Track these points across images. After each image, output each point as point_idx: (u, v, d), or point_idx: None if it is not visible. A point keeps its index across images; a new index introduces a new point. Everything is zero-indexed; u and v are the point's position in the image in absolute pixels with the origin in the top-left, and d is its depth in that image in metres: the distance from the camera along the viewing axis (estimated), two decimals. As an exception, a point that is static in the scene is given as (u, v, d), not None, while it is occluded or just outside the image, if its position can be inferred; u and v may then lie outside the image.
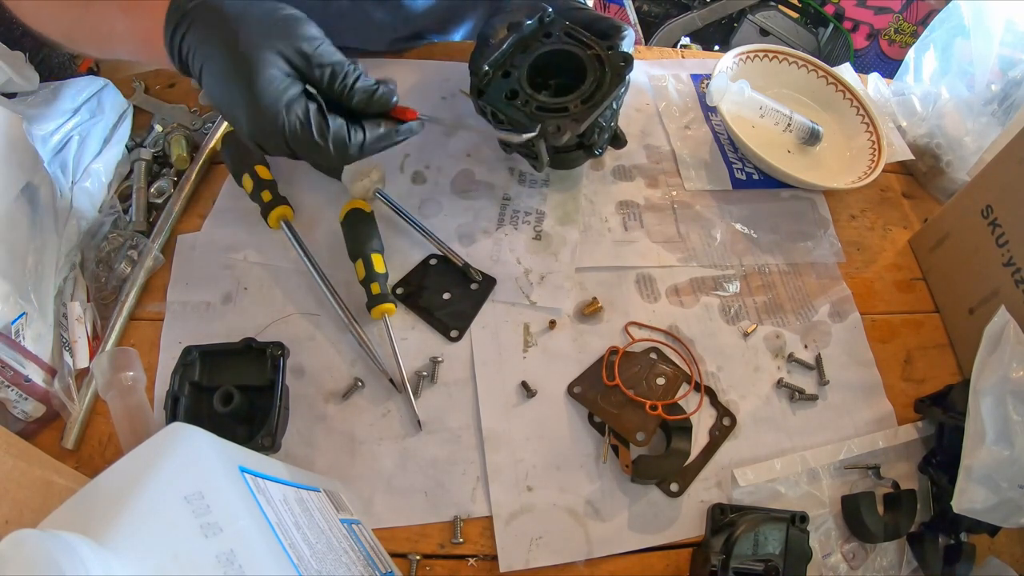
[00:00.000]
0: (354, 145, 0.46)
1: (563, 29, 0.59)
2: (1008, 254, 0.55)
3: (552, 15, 0.60)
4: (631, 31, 0.60)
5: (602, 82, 0.57)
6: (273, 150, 0.46)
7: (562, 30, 0.59)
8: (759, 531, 0.47)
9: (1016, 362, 0.47)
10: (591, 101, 0.56)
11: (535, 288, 0.60)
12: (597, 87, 0.57)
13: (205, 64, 0.44)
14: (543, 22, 0.60)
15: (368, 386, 0.55)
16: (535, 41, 0.59)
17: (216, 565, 0.27)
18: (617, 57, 0.57)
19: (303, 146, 0.45)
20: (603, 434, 0.54)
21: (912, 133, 0.75)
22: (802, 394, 0.58)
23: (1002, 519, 0.46)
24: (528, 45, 0.59)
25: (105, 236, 0.60)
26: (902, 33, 1.50)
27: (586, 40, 0.59)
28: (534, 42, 0.59)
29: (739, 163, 0.71)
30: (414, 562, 0.48)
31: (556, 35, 0.59)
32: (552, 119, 0.55)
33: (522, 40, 0.59)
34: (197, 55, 0.44)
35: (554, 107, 0.56)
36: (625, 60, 0.57)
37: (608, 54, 0.58)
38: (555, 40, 0.59)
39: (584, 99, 0.57)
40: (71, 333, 0.54)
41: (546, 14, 0.60)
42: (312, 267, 0.57)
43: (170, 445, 0.31)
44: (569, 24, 0.60)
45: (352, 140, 0.46)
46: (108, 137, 0.64)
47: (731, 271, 0.64)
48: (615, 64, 0.57)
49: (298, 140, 0.44)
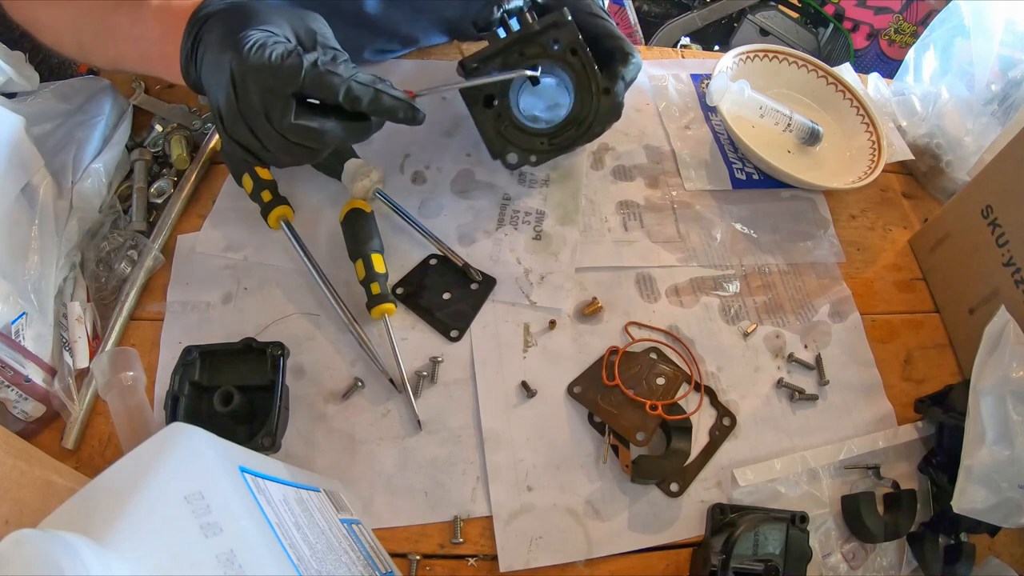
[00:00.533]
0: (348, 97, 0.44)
1: (570, 43, 0.56)
2: (1008, 254, 0.55)
3: (567, 21, 0.55)
4: (638, 59, 0.58)
5: (582, 120, 0.56)
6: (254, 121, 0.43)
7: (569, 44, 0.56)
8: (759, 531, 0.47)
9: (1016, 362, 0.47)
10: (558, 142, 0.56)
11: (535, 288, 0.60)
12: (575, 126, 0.55)
13: (207, 49, 0.43)
14: (555, 27, 0.56)
15: (368, 386, 0.55)
16: (536, 46, 0.56)
17: (216, 565, 0.27)
18: (607, 106, 0.55)
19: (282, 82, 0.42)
20: (603, 434, 0.54)
21: (912, 133, 0.75)
22: (802, 394, 0.58)
23: (1002, 519, 0.46)
24: (528, 48, 0.56)
25: (105, 236, 0.60)
26: (902, 33, 1.50)
27: (585, 66, 0.55)
28: (535, 47, 0.56)
29: (739, 163, 0.71)
30: (414, 562, 0.48)
31: (562, 46, 0.56)
32: (514, 147, 0.54)
33: (525, 39, 0.56)
34: (202, 45, 0.44)
35: (527, 131, 0.56)
36: (613, 112, 0.55)
37: (602, 97, 0.55)
38: (560, 51, 0.56)
39: (553, 137, 0.56)
40: (71, 333, 0.54)
41: (562, 17, 0.55)
42: (312, 267, 0.57)
43: (170, 445, 0.31)
44: (578, 40, 0.56)
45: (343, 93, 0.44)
46: (108, 137, 0.63)
47: (731, 271, 0.64)
48: (602, 112, 0.55)
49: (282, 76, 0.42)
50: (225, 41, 0.43)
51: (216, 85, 0.43)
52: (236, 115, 0.43)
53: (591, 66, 0.56)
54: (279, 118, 0.43)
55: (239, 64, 0.41)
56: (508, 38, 0.56)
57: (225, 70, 0.42)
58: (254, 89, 0.42)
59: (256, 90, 0.42)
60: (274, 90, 0.42)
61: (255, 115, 0.43)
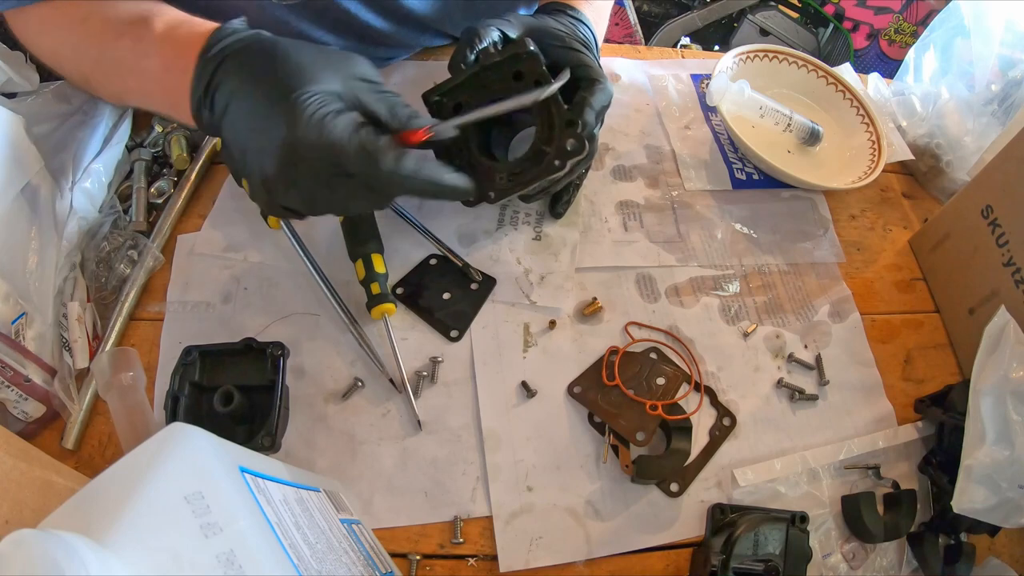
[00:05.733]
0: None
1: (535, 75, 0.51)
2: (1008, 254, 0.55)
3: (530, 52, 0.51)
4: (607, 86, 0.53)
5: (542, 158, 0.51)
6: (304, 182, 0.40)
7: (533, 76, 0.51)
8: (759, 531, 0.47)
9: (1016, 362, 0.47)
10: (518, 178, 0.52)
11: (535, 288, 0.60)
12: (534, 162, 0.51)
13: (233, 98, 0.40)
14: (517, 58, 0.51)
15: (368, 386, 0.55)
16: (499, 81, 0.52)
17: (216, 565, 0.27)
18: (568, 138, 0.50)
19: (352, 160, 0.39)
20: (603, 434, 0.54)
21: (912, 133, 0.75)
22: (802, 394, 0.58)
23: (1002, 519, 0.46)
24: (489, 81, 0.52)
25: (105, 236, 0.60)
26: (902, 33, 1.51)
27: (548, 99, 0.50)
28: (497, 82, 0.52)
29: (739, 163, 0.71)
30: (414, 562, 0.48)
31: (527, 78, 0.51)
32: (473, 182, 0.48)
33: (488, 69, 0.52)
34: (224, 88, 0.40)
35: (486, 166, 0.53)
36: (577, 146, 0.50)
37: (564, 130, 0.50)
38: (520, 87, 0.51)
39: (512, 175, 0.52)
40: (71, 333, 0.54)
41: (525, 46, 0.51)
42: (312, 267, 0.57)
43: (170, 445, 0.31)
44: (543, 71, 0.51)
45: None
46: (108, 137, 0.63)
47: (731, 271, 0.64)
48: (562, 146, 0.50)
49: (346, 152, 0.39)
50: (272, 97, 0.39)
51: (258, 150, 0.40)
52: (290, 185, 0.40)
53: (555, 99, 0.51)
54: (342, 200, 0.41)
55: (299, 136, 0.38)
56: (470, 69, 0.52)
57: (275, 137, 0.39)
58: (320, 166, 0.39)
59: (322, 167, 0.39)
60: (338, 172, 0.40)
61: (311, 188, 0.40)
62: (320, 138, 0.39)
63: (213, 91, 0.41)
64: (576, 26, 0.57)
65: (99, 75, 0.50)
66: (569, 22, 0.57)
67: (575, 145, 0.50)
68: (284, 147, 0.39)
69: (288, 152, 0.39)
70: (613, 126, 0.73)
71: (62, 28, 0.50)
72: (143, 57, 0.46)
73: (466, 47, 0.51)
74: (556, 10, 0.59)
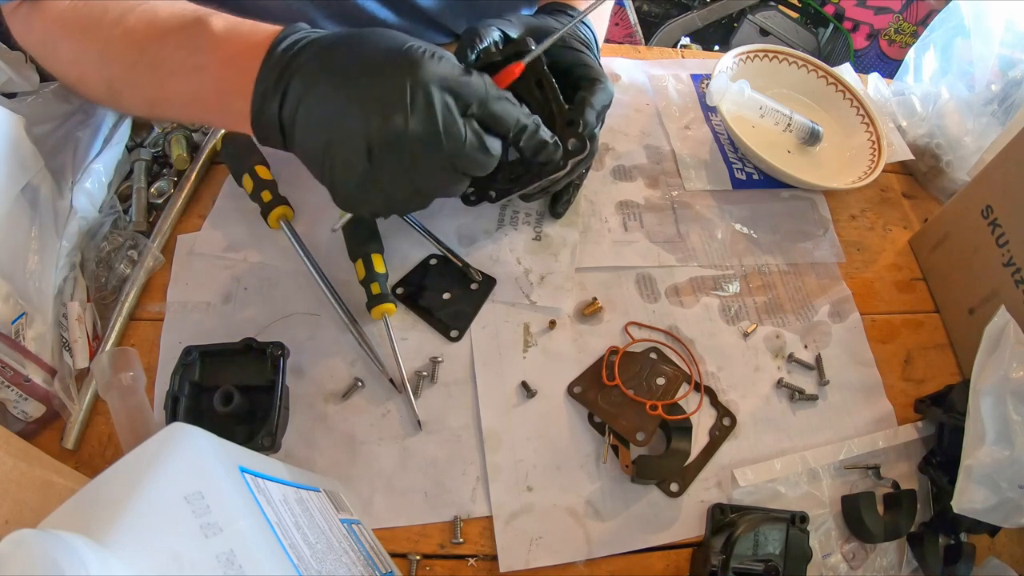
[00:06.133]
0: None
1: (535, 74, 0.51)
2: (1008, 254, 0.55)
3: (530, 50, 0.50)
4: (608, 85, 0.53)
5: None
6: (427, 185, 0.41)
7: (534, 75, 0.51)
8: (759, 531, 0.47)
9: (1016, 362, 0.47)
10: (516, 178, 0.52)
11: (535, 288, 0.60)
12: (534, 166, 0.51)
13: (318, 82, 0.39)
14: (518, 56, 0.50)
15: (368, 386, 0.55)
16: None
17: (216, 565, 0.27)
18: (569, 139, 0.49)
19: (474, 88, 0.40)
20: (603, 434, 0.54)
21: (912, 133, 0.75)
22: (802, 394, 0.58)
23: (1002, 519, 0.46)
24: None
25: (105, 236, 0.60)
26: (902, 33, 1.51)
27: (551, 99, 0.51)
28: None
29: (739, 163, 0.71)
30: (414, 562, 0.48)
31: (527, 78, 0.50)
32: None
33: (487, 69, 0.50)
34: (303, 75, 0.39)
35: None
36: (578, 146, 0.49)
37: (565, 130, 0.50)
38: (521, 87, 0.50)
39: (513, 177, 0.52)
40: (71, 333, 0.54)
41: (526, 46, 0.49)
42: (312, 267, 0.57)
43: (170, 445, 0.31)
44: (543, 71, 0.51)
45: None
46: (108, 137, 0.63)
47: (731, 271, 0.64)
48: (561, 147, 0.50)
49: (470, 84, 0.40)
50: (378, 59, 0.39)
51: (342, 139, 0.39)
52: (382, 170, 0.40)
53: (556, 99, 0.51)
54: (431, 178, 0.42)
55: (430, 72, 0.38)
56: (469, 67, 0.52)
57: (398, 86, 0.38)
58: (452, 100, 0.39)
59: (454, 101, 0.40)
60: (461, 104, 0.40)
61: (401, 172, 0.40)
62: (451, 69, 0.39)
63: (287, 80, 0.40)
64: (576, 26, 0.57)
65: (132, 79, 0.48)
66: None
67: (576, 145, 0.50)
68: (411, 91, 0.38)
69: (422, 95, 0.38)
70: (613, 126, 0.73)
71: (87, 31, 0.48)
72: (195, 54, 0.44)
73: (467, 47, 0.51)
74: (556, 10, 0.60)
